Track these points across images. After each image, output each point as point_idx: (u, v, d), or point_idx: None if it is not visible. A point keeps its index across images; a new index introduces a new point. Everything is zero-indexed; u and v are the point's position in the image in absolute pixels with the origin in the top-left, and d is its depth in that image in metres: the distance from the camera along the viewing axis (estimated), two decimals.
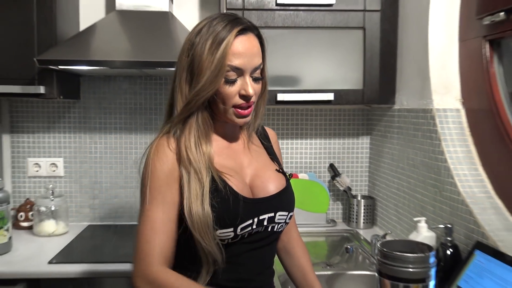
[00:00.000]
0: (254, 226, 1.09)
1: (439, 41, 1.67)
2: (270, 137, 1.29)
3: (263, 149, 1.24)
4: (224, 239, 1.06)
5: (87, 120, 2.23)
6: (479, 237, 1.37)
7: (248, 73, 1.04)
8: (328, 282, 1.67)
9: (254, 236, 1.11)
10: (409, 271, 1.05)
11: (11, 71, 1.85)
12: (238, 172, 1.13)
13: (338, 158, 2.34)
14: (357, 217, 2.21)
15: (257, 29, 1.10)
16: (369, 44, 1.94)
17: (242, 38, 1.03)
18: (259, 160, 1.19)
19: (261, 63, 1.07)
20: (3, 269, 1.65)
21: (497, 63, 1.50)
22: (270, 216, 1.12)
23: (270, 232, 1.14)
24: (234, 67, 1.02)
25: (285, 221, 1.16)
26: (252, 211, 1.09)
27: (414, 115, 1.79)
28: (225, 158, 1.13)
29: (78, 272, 1.64)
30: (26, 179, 2.22)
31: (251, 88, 1.04)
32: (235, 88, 1.04)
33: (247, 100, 1.06)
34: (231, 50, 1.01)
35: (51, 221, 2.02)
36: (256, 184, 1.14)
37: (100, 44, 1.82)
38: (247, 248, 1.11)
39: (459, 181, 1.50)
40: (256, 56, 1.05)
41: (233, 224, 1.05)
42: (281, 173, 1.20)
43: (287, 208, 1.16)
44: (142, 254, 1.01)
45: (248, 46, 1.03)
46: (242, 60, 1.02)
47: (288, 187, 1.19)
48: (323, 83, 1.97)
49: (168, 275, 1.01)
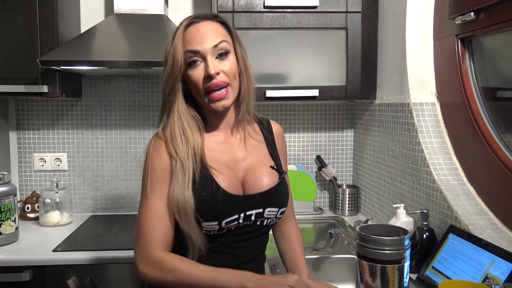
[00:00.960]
0: (240, 221, 1.08)
1: (416, 40, 1.67)
2: (274, 130, 1.24)
3: (263, 143, 1.20)
4: (210, 230, 1.06)
5: (89, 117, 2.22)
6: (453, 221, 1.38)
7: (209, 54, 1.03)
8: (314, 265, 1.67)
9: (242, 229, 1.10)
10: (386, 253, 1.05)
11: (16, 72, 1.84)
12: (231, 167, 1.11)
13: (325, 150, 2.34)
14: (342, 205, 2.22)
15: (217, 17, 1.09)
16: (351, 43, 1.94)
17: (194, 26, 1.05)
18: (255, 156, 1.15)
19: (221, 40, 1.04)
20: (10, 257, 1.64)
21: (469, 60, 1.51)
22: (258, 211, 1.10)
23: (259, 226, 1.12)
24: (191, 51, 1.03)
25: (276, 216, 1.14)
26: (238, 207, 1.07)
27: (393, 109, 1.79)
28: (220, 152, 1.11)
29: (81, 259, 1.64)
30: (32, 173, 2.22)
31: (212, 67, 1.02)
32: (199, 71, 1.04)
33: (212, 81, 1.02)
34: (185, 38, 1.03)
35: (56, 212, 2.02)
36: (248, 180, 1.12)
37: (99, 45, 1.81)
38: (235, 239, 1.10)
39: (434, 170, 1.51)
40: (211, 36, 1.03)
41: (216, 218, 1.04)
42: (276, 170, 1.17)
43: (277, 205, 1.13)
44: (145, 240, 1.01)
45: (200, 30, 1.04)
46: (196, 42, 1.03)
47: (280, 184, 1.15)
48: (308, 80, 1.97)
49: (170, 257, 1.00)
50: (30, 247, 1.74)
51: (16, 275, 1.60)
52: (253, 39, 1.92)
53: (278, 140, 1.24)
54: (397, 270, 1.06)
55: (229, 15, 1.86)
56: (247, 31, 1.92)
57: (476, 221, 1.33)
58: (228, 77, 1.05)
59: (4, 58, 1.83)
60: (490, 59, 1.51)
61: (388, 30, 1.85)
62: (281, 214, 1.16)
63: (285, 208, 1.16)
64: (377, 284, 1.07)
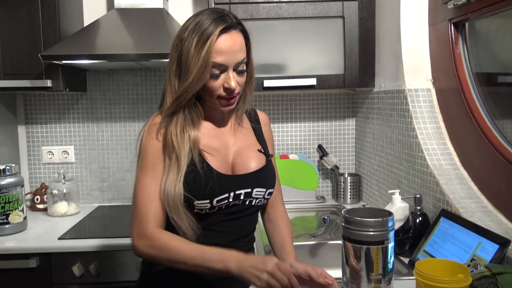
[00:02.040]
0: (230, 200, 1.13)
1: (411, 26, 1.67)
2: (261, 119, 1.30)
3: (251, 131, 1.26)
4: (202, 209, 1.10)
5: (94, 111, 2.28)
6: (445, 206, 1.39)
7: (231, 68, 1.07)
8: (311, 251, 1.70)
9: (232, 208, 1.15)
10: (369, 234, 1.07)
11: (21, 67, 1.91)
12: (221, 152, 1.16)
13: (326, 140, 2.36)
14: (344, 193, 2.23)
15: (241, 24, 1.11)
16: (348, 31, 1.95)
17: (225, 37, 1.04)
18: (243, 141, 1.22)
19: (244, 58, 1.09)
20: (18, 245, 1.71)
21: (462, 44, 1.51)
22: (247, 191, 1.15)
23: (248, 206, 1.17)
24: (217, 64, 1.04)
25: (263, 197, 1.19)
26: (228, 187, 1.12)
27: (390, 96, 1.80)
28: (211, 138, 1.17)
29: (85, 247, 1.70)
30: (41, 166, 2.29)
31: (233, 82, 1.06)
32: (219, 82, 1.07)
33: (230, 93, 1.09)
34: (214, 49, 1.03)
35: (63, 203, 2.09)
36: (237, 162, 1.18)
37: (99, 39, 1.86)
38: (225, 218, 1.15)
39: (428, 155, 1.52)
40: (238, 52, 1.07)
41: (208, 197, 1.09)
42: (263, 153, 1.23)
43: (265, 185, 1.18)
44: (139, 217, 1.06)
45: (230, 43, 1.05)
46: (224, 57, 1.04)
47: (267, 166, 1.21)
48: (307, 70, 1.98)
49: (161, 235, 1.05)
50: (37, 235, 1.81)
51: (23, 262, 1.67)
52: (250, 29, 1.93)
53: (264, 128, 1.29)
54: (381, 251, 1.07)
55: (226, 7, 1.89)
56: (244, 22, 1.92)
57: (467, 204, 1.33)
58: (240, 87, 1.12)
59: (10, 54, 1.90)
60: (484, 44, 1.50)
61: (384, 17, 1.85)
62: (268, 195, 1.20)
63: (272, 189, 1.21)
64: (362, 266, 1.09)
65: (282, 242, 1.25)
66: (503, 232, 1.18)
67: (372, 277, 1.08)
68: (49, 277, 1.70)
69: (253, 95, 1.24)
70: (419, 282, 0.89)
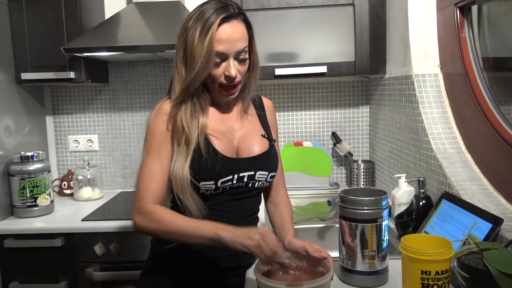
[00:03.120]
0: (234, 181, 1.19)
1: (419, 12, 1.69)
2: (266, 106, 1.35)
3: (256, 117, 1.31)
4: (207, 189, 1.17)
5: (116, 101, 2.40)
6: (447, 188, 1.41)
7: (232, 57, 1.11)
8: (319, 234, 1.76)
9: (236, 189, 1.21)
10: (363, 212, 1.12)
11: (47, 60, 2.04)
12: (227, 136, 1.22)
13: (340, 127, 2.39)
14: (357, 179, 2.27)
15: (243, 14, 1.15)
16: (358, 19, 1.97)
17: (225, 26, 1.09)
18: (248, 127, 1.27)
19: (245, 47, 1.13)
20: (46, 225, 1.85)
21: (467, 29, 1.51)
22: (250, 174, 1.21)
23: (251, 188, 1.23)
24: (218, 52, 1.09)
25: (266, 180, 1.25)
26: (232, 169, 1.18)
27: (399, 82, 1.82)
28: (217, 123, 1.23)
29: (107, 227, 1.81)
30: (68, 154, 2.43)
31: (233, 70, 1.12)
32: (221, 70, 1.12)
33: (230, 81, 1.14)
34: (215, 38, 1.08)
35: (87, 188, 2.22)
36: (241, 147, 1.24)
37: (117, 32, 1.96)
38: (228, 199, 1.21)
39: (432, 139, 1.54)
40: (239, 41, 1.11)
41: (213, 178, 1.15)
42: (267, 138, 1.28)
43: (267, 169, 1.24)
44: (140, 195, 1.13)
45: (230, 33, 1.09)
46: (224, 46, 1.09)
47: (270, 150, 1.26)
48: (318, 58, 2.02)
49: (159, 209, 1.11)
50: (63, 217, 1.94)
51: (50, 241, 1.80)
52: (261, 20, 2.00)
53: (269, 114, 1.34)
54: (375, 229, 1.13)
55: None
56: (256, 12, 2.00)
57: (468, 186, 1.36)
58: (242, 76, 1.17)
59: (36, 48, 2.03)
60: (491, 28, 1.50)
61: (394, 3, 1.86)
62: (271, 178, 1.26)
63: (274, 173, 1.27)
64: (357, 243, 1.14)
65: (282, 221, 1.31)
66: (500, 212, 1.20)
67: (366, 254, 1.13)
68: (73, 255, 1.83)
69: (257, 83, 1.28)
70: (403, 255, 0.94)
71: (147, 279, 1.29)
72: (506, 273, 0.91)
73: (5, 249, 1.82)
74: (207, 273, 1.24)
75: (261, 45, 1.99)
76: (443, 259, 0.89)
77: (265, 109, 1.35)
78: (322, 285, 1.00)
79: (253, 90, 1.28)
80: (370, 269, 1.14)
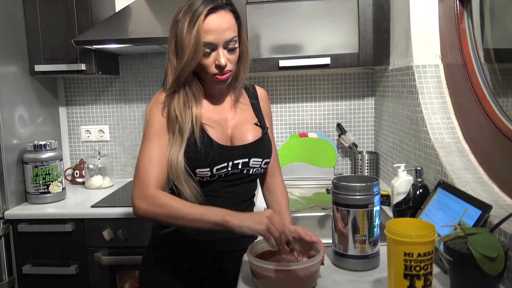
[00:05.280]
0: (229, 168, 1.23)
1: (420, 3, 1.69)
2: (259, 94, 1.39)
3: (250, 106, 1.35)
4: (203, 176, 1.21)
5: (126, 93, 2.47)
6: (442, 177, 1.44)
7: (221, 46, 1.15)
8: (320, 222, 1.79)
9: (231, 176, 1.25)
10: (355, 198, 1.16)
11: (59, 53, 2.12)
12: (221, 125, 1.27)
13: (345, 118, 2.41)
14: (362, 170, 2.29)
15: (231, 5, 1.19)
16: (362, 10, 1.99)
17: (212, 16, 1.13)
18: (241, 116, 1.31)
19: (233, 36, 1.16)
20: (57, 211, 1.93)
21: (467, 19, 1.52)
22: (244, 161, 1.25)
23: (246, 174, 1.27)
24: (207, 43, 1.13)
25: (260, 166, 1.29)
26: (227, 156, 1.22)
27: (401, 73, 1.83)
28: (211, 112, 1.27)
29: (115, 214, 1.89)
30: (80, 143, 2.52)
31: (223, 59, 1.15)
32: (211, 59, 1.16)
33: (221, 70, 1.17)
34: (203, 28, 1.12)
35: (98, 177, 2.30)
36: (235, 135, 1.28)
37: (126, 24, 2.02)
38: (225, 185, 1.25)
39: (431, 129, 1.55)
40: (227, 31, 1.14)
41: (208, 165, 1.20)
42: (259, 126, 1.32)
43: (261, 155, 1.28)
44: (141, 179, 1.15)
45: (218, 23, 1.13)
46: (213, 36, 1.13)
47: (263, 138, 1.30)
48: (322, 49, 2.05)
49: (162, 194, 1.14)
50: (74, 204, 2.03)
51: (61, 226, 1.89)
52: (266, 12, 2.03)
53: (263, 103, 1.38)
54: (366, 214, 1.16)
55: None
56: (261, 4, 2.03)
57: (463, 175, 1.37)
58: (232, 65, 1.20)
59: (48, 41, 2.11)
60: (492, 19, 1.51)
61: None
62: (265, 165, 1.30)
63: (268, 159, 1.31)
64: (349, 229, 1.18)
65: (279, 208, 1.35)
66: (492, 200, 1.22)
67: (357, 238, 1.17)
68: (83, 240, 1.91)
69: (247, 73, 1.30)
70: (388, 238, 0.97)
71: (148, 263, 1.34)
72: (488, 256, 0.93)
73: (19, 233, 1.91)
74: (206, 257, 1.29)
75: (265, 37, 2.06)
76: (426, 241, 0.92)
77: (259, 98, 1.38)
78: (310, 267, 1.04)
79: (243, 79, 1.30)
80: (361, 253, 1.17)
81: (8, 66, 2.00)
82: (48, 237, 1.91)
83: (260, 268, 1.05)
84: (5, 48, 1.97)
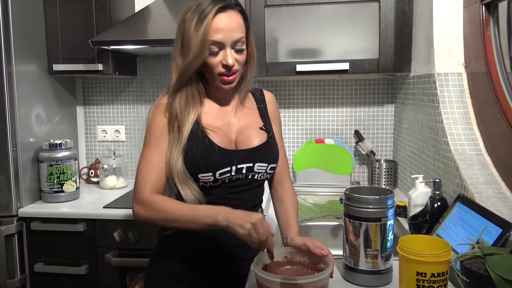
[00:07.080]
0: (233, 173, 1.20)
1: (444, 8, 1.64)
2: (266, 98, 1.36)
3: (256, 110, 1.32)
4: (206, 181, 1.19)
5: (143, 93, 2.47)
6: (462, 190, 1.38)
7: (229, 46, 1.13)
8: (333, 231, 1.75)
9: (235, 182, 1.22)
10: (367, 211, 1.11)
11: (77, 53, 2.13)
12: (224, 129, 1.24)
13: (364, 125, 2.36)
14: (379, 179, 2.23)
15: (239, 5, 1.17)
16: (383, 15, 1.94)
17: (221, 16, 1.11)
18: (246, 120, 1.28)
19: (241, 37, 1.15)
20: (70, 211, 1.94)
21: (493, 27, 1.46)
22: (249, 165, 1.22)
23: (251, 180, 1.24)
24: (215, 42, 1.12)
25: (266, 171, 1.25)
26: (230, 160, 1.19)
27: (422, 81, 1.78)
28: (214, 118, 1.24)
29: (126, 215, 1.88)
30: (96, 143, 2.53)
31: (230, 58, 1.13)
32: (218, 59, 1.14)
33: (228, 69, 1.15)
34: (211, 27, 1.10)
35: (113, 177, 2.30)
36: (239, 140, 1.25)
37: (143, 26, 2.02)
38: (229, 191, 1.22)
39: (451, 140, 1.50)
40: (235, 31, 1.13)
41: (211, 170, 1.17)
42: (265, 130, 1.29)
43: (266, 160, 1.25)
44: (139, 185, 1.15)
45: (226, 22, 1.12)
46: (221, 35, 1.11)
47: (268, 142, 1.27)
48: (341, 54, 2.00)
49: (157, 198, 1.13)
50: (87, 204, 2.03)
51: (73, 226, 1.89)
52: (284, 15, 2.00)
53: (270, 106, 1.35)
54: (379, 228, 1.12)
55: None
56: (279, 7, 2.00)
57: (484, 190, 1.31)
58: (240, 65, 1.18)
59: (67, 41, 2.13)
60: None
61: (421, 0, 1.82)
62: (271, 170, 1.27)
63: (274, 165, 1.27)
64: (360, 242, 1.14)
65: (287, 216, 1.31)
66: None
67: (369, 253, 1.12)
68: (94, 241, 1.91)
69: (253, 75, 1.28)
70: (401, 256, 0.93)
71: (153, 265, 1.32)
72: (507, 279, 0.88)
73: (32, 231, 1.93)
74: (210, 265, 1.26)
75: (283, 41, 2.02)
76: (440, 261, 0.87)
77: (266, 101, 1.35)
78: (317, 281, 1.00)
79: (249, 82, 1.28)
80: (373, 268, 1.13)
81: (27, 65, 2.02)
82: (60, 236, 1.92)
83: (265, 281, 1.02)
84: (24, 47, 1.99)
